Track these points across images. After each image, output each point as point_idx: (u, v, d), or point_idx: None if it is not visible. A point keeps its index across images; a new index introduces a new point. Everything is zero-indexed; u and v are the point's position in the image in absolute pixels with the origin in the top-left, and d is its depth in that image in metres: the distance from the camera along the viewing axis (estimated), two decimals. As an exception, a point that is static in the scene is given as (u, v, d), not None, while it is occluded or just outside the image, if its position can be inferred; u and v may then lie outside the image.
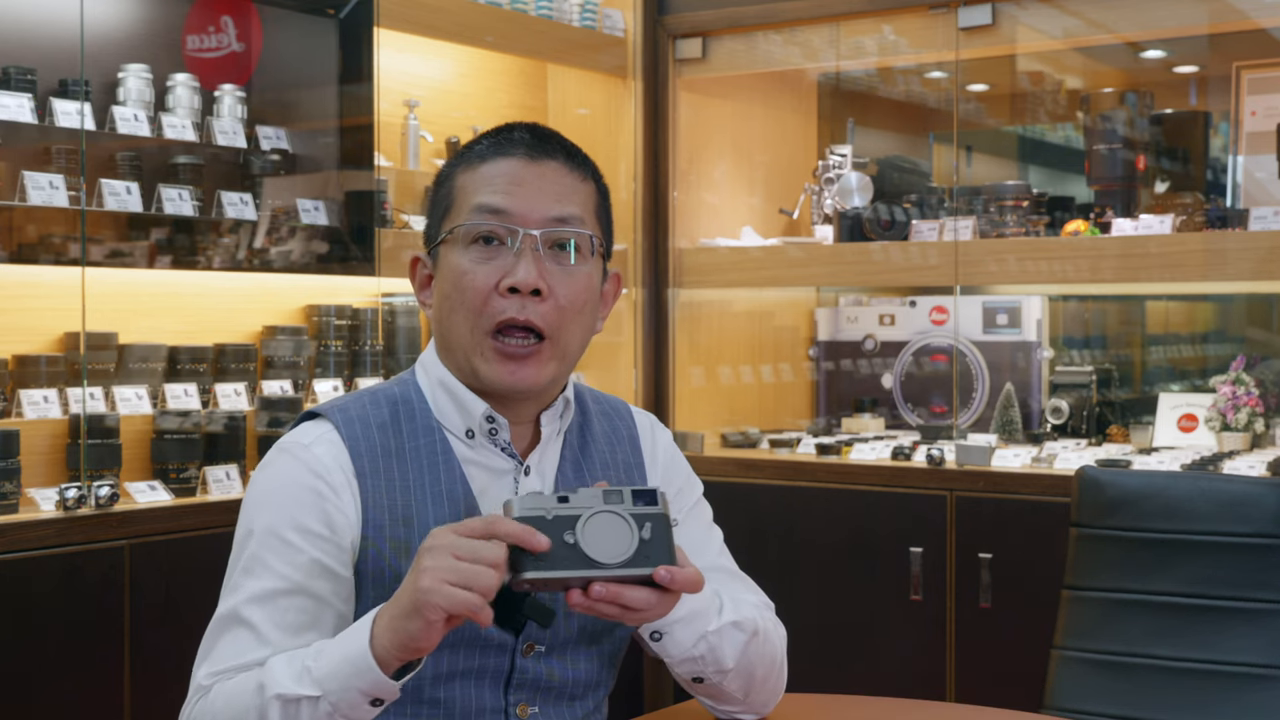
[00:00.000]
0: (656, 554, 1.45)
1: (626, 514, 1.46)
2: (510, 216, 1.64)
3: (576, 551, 1.43)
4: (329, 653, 1.48)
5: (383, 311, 3.70)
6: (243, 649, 1.55)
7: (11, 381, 3.08)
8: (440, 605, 1.39)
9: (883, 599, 3.68)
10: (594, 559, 1.44)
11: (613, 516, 1.46)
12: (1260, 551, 2.17)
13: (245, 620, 1.56)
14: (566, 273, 1.65)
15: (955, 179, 4.19)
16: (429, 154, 4.01)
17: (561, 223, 1.65)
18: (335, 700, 1.46)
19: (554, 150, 1.68)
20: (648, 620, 1.52)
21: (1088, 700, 2.23)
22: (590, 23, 4.17)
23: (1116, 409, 4.03)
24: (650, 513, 1.47)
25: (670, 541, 1.47)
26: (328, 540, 1.59)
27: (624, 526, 1.46)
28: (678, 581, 1.45)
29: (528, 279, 1.62)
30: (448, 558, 1.40)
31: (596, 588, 1.43)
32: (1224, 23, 3.71)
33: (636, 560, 1.45)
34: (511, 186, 1.65)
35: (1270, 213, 3.47)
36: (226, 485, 3.30)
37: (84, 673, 2.90)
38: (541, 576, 1.42)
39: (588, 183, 1.71)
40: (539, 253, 1.64)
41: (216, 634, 1.59)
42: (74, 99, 3.12)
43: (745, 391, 4.46)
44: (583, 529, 1.44)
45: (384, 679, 1.44)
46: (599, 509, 1.45)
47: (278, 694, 1.47)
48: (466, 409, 1.68)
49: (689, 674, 1.70)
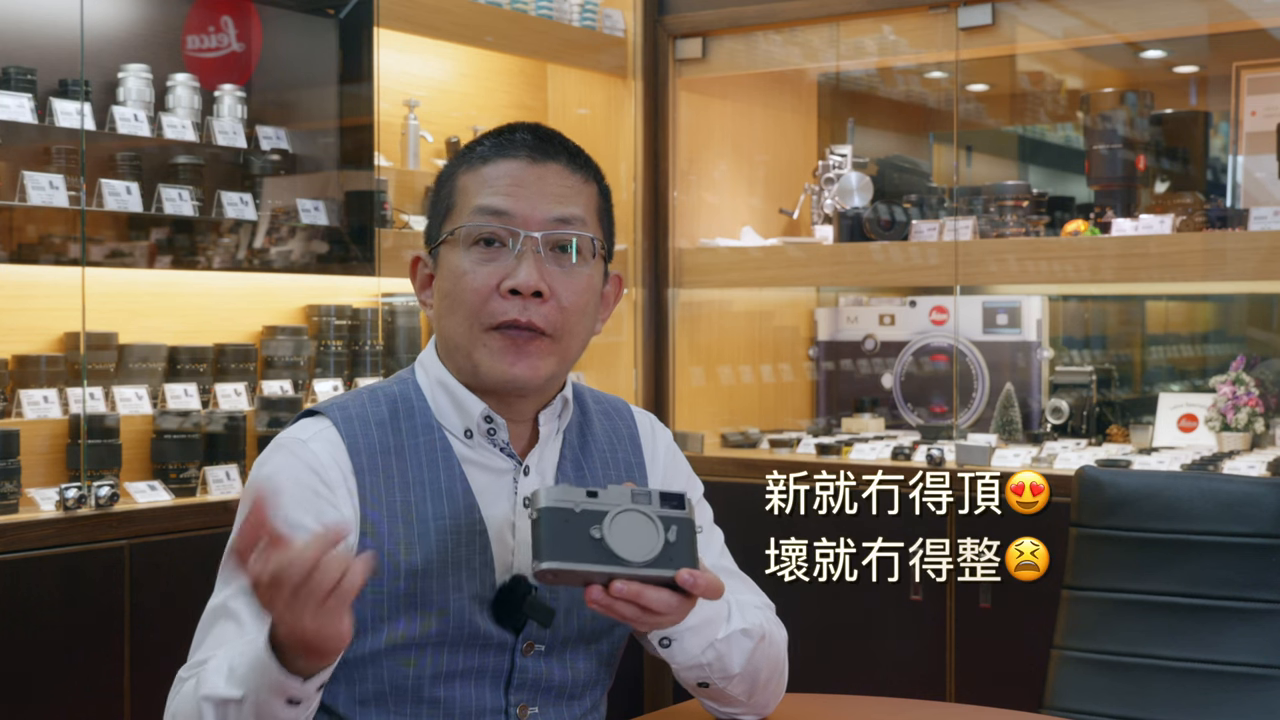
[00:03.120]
0: (680, 557, 1.45)
1: (654, 515, 1.45)
2: (511, 218, 1.63)
3: (602, 547, 1.43)
4: (244, 653, 1.47)
5: (383, 311, 3.70)
6: (226, 640, 1.55)
7: (11, 381, 3.08)
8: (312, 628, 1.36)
9: (883, 599, 3.68)
10: (619, 555, 1.43)
11: (640, 516, 1.45)
12: (1260, 551, 2.17)
13: (232, 613, 1.56)
14: (567, 274, 1.65)
15: (955, 179, 4.19)
16: (429, 154, 4.01)
17: (563, 224, 1.65)
18: (254, 700, 1.43)
19: (556, 152, 1.68)
20: (661, 626, 1.52)
21: (1088, 700, 2.23)
22: (590, 23, 4.17)
23: (1116, 409, 4.03)
24: (677, 516, 1.46)
25: (694, 547, 1.46)
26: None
27: (650, 527, 1.45)
28: (700, 586, 1.45)
29: (529, 281, 1.61)
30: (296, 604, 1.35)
31: (619, 585, 1.43)
32: (1224, 23, 3.71)
33: (661, 561, 1.44)
34: (513, 188, 1.64)
35: (1270, 213, 3.47)
36: (226, 485, 3.30)
37: (84, 673, 2.90)
38: (563, 568, 1.41)
39: (590, 184, 1.70)
40: (540, 255, 1.63)
41: (206, 627, 1.59)
42: (74, 99, 3.12)
43: (745, 391, 4.46)
44: (610, 525, 1.43)
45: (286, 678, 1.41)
46: (627, 507, 1.45)
47: (206, 694, 1.46)
48: (465, 409, 1.67)
49: (695, 679, 1.70)
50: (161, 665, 1.61)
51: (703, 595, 1.47)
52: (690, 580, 1.44)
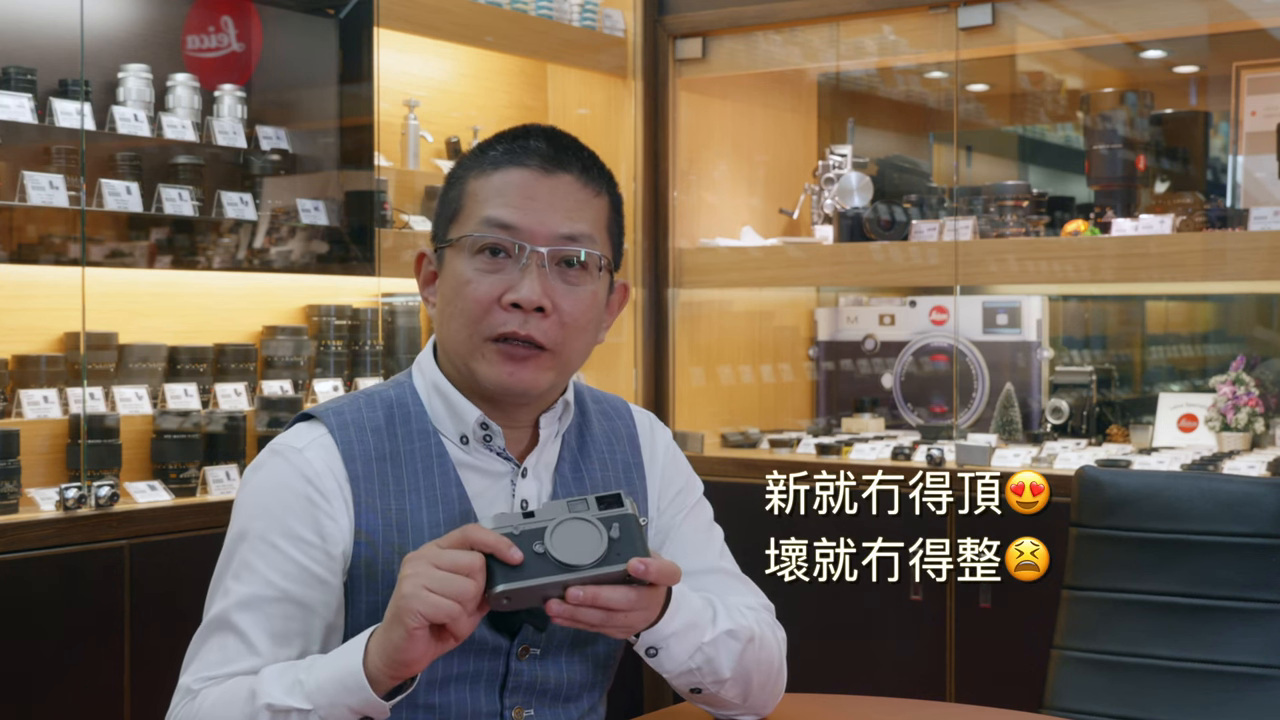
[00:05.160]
0: (628, 550, 1.46)
1: (593, 519, 1.46)
2: (519, 232, 1.62)
3: (547, 559, 1.44)
4: (321, 667, 1.49)
5: (383, 311, 3.70)
6: (230, 655, 1.55)
7: (11, 381, 3.08)
8: (419, 611, 1.40)
9: (883, 599, 3.68)
10: (565, 563, 1.44)
11: (580, 523, 1.46)
12: (1260, 551, 2.17)
13: (233, 625, 1.56)
14: (571, 290, 1.64)
15: (955, 179, 4.19)
16: (429, 154, 4.01)
17: (570, 241, 1.63)
18: (324, 715, 1.46)
19: (569, 163, 1.65)
20: (636, 625, 1.52)
21: (1088, 700, 2.23)
22: (590, 23, 4.17)
23: (1116, 409, 4.03)
24: (616, 515, 1.47)
25: (641, 538, 1.47)
26: (317, 548, 1.58)
27: (591, 530, 1.46)
28: (653, 572, 1.46)
29: (531, 297, 1.60)
30: (427, 566, 1.42)
31: (574, 591, 1.44)
32: (1224, 23, 3.71)
33: (609, 558, 1.45)
34: (523, 200, 1.62)
35: (1270, 213, 3.47)
36: (226, 485, 3.30)
37: (84, 673, 2.90)
38: (515, 587, 1.43)
39: (601, 197, 1.68)
40: (545, 269, 1.62)
41: (204, 638, 1.59)
42: (74, 99, 3.12)
43: (745, 391, 4.46)
44: (551, 537, 1.45)
45: (374, 698, 1.45)
46: (565, 517, 1.46)
47: (268, 703, 1.47)
48: (460, 415, 1.66)
49: (687, 685, 1.69)
50: (161, 665, 1.61)
51: (656, 580, 1.47)
52: (642, 568, 1.45)
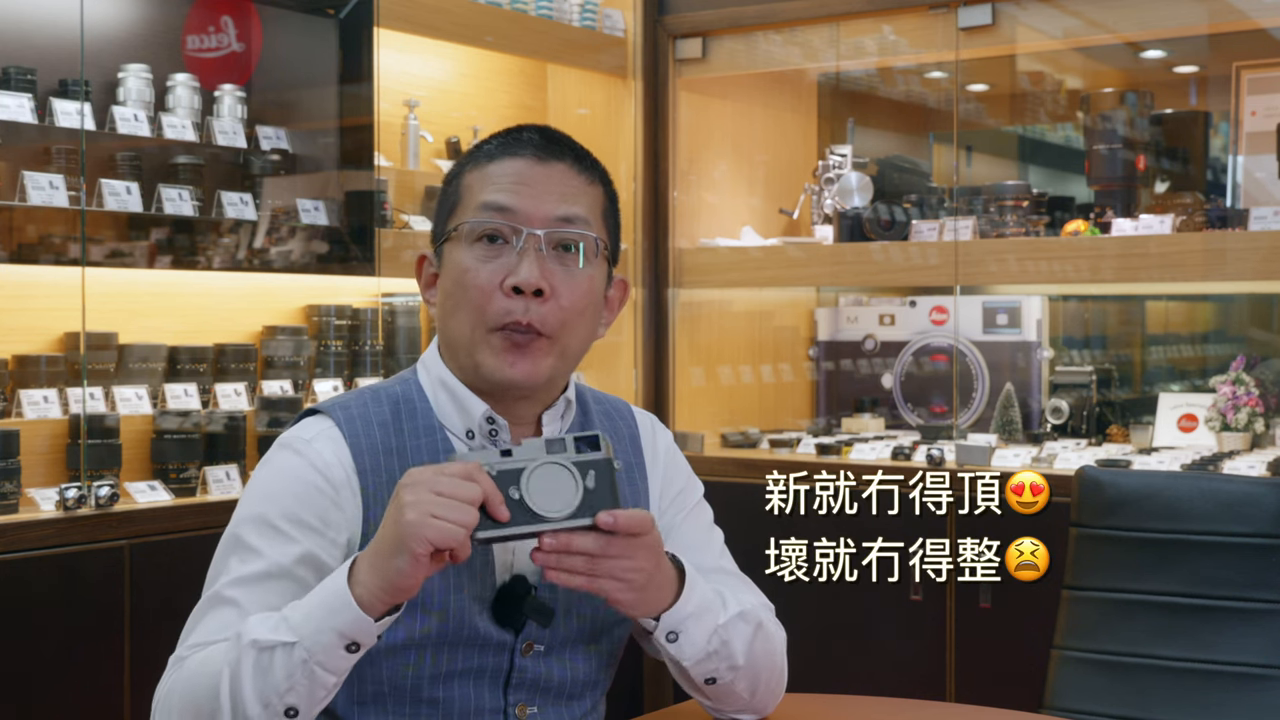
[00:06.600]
0: (600, 502, 1.48)
1: (569, 463, 1.48)
2: (515, 215, 1.64)
3: (522, 507, 1.46)
4: (306, 600, 1.49)
5: (383, 311, 3.70)
6: (225, 625, 1.56)
7: (11, 381, 3.08)
8: (426, 538, 1.41)
9: (883, 599, 3.68)
10: (539, 513, 1.46)
11: (556, 468, 1.47)
12: (1260, 551, 2.17)
13: (232, 600, 1.57)
14: (569, 274, 1.65)
15: (955, 179, 4.19)
16: (429, 154, 4.01)
17: (566, 223, 1.65)
18: (310, 645, 1.46)
19: (562, 152, 1.69)
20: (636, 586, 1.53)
21: (1088, 700, 2.23)
22: (590, 23, 4.17)
23: (1116, 409, 4.03)
24: (594, 459, 1.49)
25: (615, 488, 1.49)
26: (319, 534, 1.59)
27: (567, 477, 1.48)
28: (621, 523, 1.48)
29: (530, 279, 1.62)
30: (429, 493, 1.43)
31: (547, 539, 1.46)
32: (1224, 23, 3.71)
33: (582, 511, 1.47)
34: (518, 185, 1.65)
35: (1270, 213, 3.47)
36: (226, 485, 3.30)
37: (84, 673, 2.90)
38: (491, 535, 1.45)
39: (595, 185, 1.71)
40: (542, 253, 1.63)
41: (202, 612, 1.59)
42: (74, 99, 3.12)
43: (745, 391, 4.46)
44: (527, 483, 1.46)
45: (362, 617, 1.45)
46: (543, 460, 1.47)
47: (253, 639, 1.47)
48: (466, 410, 1.67)
49: (704, 675, 1.69)
50: (161, 665, 1.61)
51: (625, 530, 1.48)
52: (610, 520, 1.47)
